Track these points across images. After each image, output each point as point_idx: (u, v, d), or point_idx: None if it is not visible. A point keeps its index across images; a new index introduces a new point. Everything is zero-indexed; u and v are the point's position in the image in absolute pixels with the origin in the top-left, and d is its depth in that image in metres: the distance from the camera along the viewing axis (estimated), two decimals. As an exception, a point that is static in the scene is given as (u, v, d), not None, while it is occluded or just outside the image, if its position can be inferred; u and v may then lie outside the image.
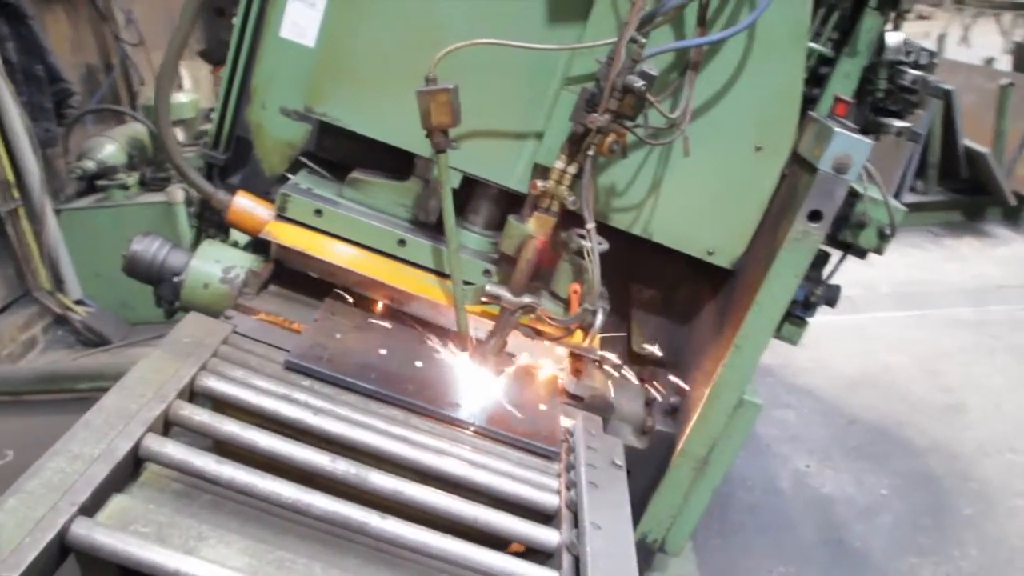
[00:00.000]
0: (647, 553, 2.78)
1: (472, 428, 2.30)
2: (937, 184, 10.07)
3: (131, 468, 1.90)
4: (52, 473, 1.72)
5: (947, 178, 10.04)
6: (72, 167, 5.17)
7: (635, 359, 2.99)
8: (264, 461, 2.04)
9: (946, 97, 9.29)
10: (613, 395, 2.73)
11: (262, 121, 2.74)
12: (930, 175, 9.97)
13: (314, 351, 2.32)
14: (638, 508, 2.73)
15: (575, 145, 2.27)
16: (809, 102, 2.79)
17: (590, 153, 2.24)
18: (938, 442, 4.12)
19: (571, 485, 2.22)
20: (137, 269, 2.57)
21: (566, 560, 1.98)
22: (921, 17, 16.83)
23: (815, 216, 2.36)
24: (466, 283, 2.56)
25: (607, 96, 2.13)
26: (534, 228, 2.36)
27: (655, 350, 2.89)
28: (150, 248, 2.57)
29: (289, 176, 2.75)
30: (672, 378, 2.79)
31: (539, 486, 2.23)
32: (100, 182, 5.29)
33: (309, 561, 1.84)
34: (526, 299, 2.44)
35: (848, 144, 2.29)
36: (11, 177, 4.84)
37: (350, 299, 2.64)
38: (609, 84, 2.12)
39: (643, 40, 2.09)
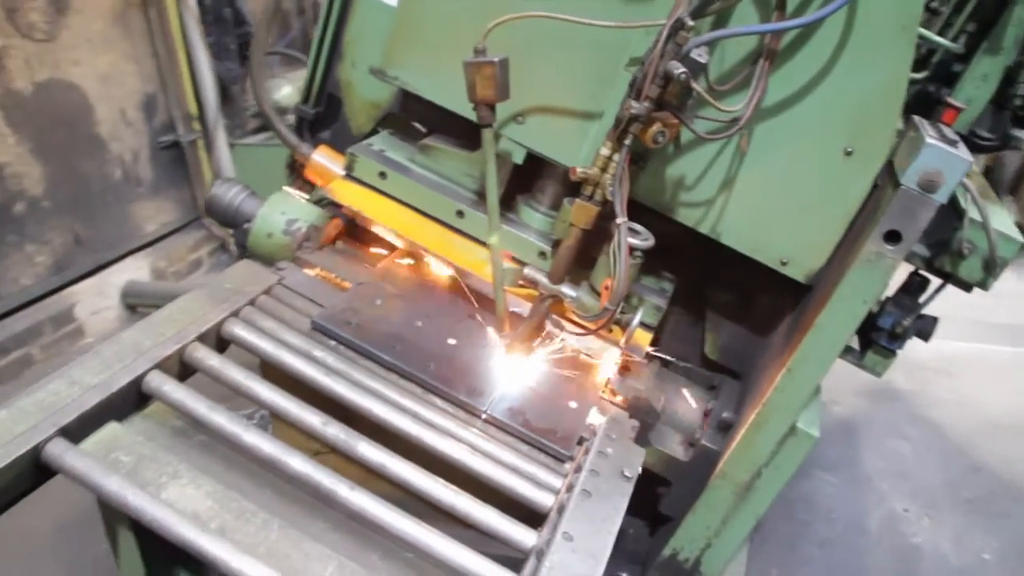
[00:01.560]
0: (677, 571, 2.62)
1: (484, 416, 2.24)
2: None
3: (135, 401, 2.03)
4: (47, 394, 1.87)
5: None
6: (249, 105, 5.54)
7: (709, 365, 2.80)
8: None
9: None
10: (664, 400, 2.58)
11: (351, 79, 2.78)
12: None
13: (344, 315, 2.35)
14: (675, 522, 2.58)
15: (620, 132, 2.11)
16: (934, 103, 2.44)
17: (627, 142, 2.08)
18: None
19: (572, 488, 2.12)
20: (215, 211, 2.70)
21: (530, 565, 1.90)
22: None
23: (893, 237, 2.06)
24: (518, 262, 2.49)
25: (648, 83, 1.96)
26: (574, 216, 2.24)
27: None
28: (228, 193, 2.69)
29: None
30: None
31: (539, 484, 2.15)
32: (274, 121, 5.62)
33: (270, 517, 1.89)
34: (563, 288, 2.33)
35: (940, 159, 1.97)
36: (194, 111, 5.26)
37: (410, 264, 2.64)
38: (651, 70, 1.95)
39: (690, 23, 1.89)
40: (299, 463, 1.95)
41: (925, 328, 2.40)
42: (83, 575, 2.44)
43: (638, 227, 2.31)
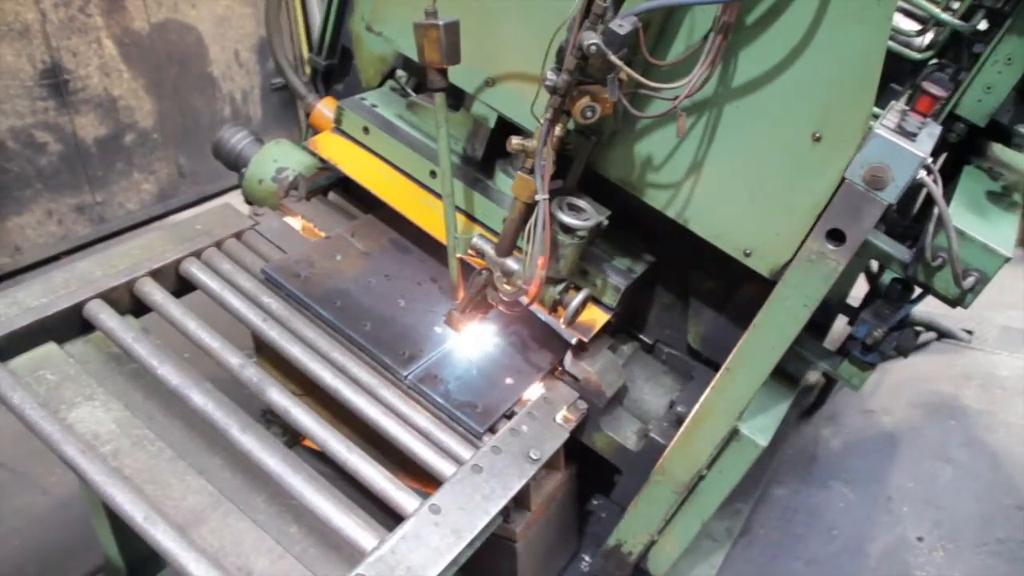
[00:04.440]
0: (621, 562, 2.52)
1: (406, 382, 2.24)
2: None
3: (79, 326, 2.19)
4: (-14, 311, 2.05)
5: None
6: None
7: (694, 354, 2.65)
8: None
9: None
10: (621, 385, 2.47)
11: (360, 33, 2.80)
12: None
13: (296, 267, 2.41)
14: (621, 513, 2.48)
15: (550, 104, 2.01)
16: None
17: (547, 116, 1.98)
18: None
19: (479, 461, 2.09)
20: (220, 154, 2.83)
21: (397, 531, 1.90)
22: None
23: (835, 236, 1.86)
24: (488, 228, 2.45)
25: (568, 54, 1.85)
26: (515, 189, 2.16)
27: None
28: (233, 137, 2.81)
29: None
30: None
31: (447, 453, 2.14)
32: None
33: (165, 447, 2.00)
34: (508, 262, 2.27)
35: (886, 151, 1.75)
36: (307, 55, 5.48)
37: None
38: (571, 42, 1.84)
39: (607, -10, 1.76)
40: (199, 399, 2.03)
41: (904, 343, 2.14)
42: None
43: (582, 204, 2.21)
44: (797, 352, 2.34)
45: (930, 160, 1.81)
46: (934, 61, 2.18)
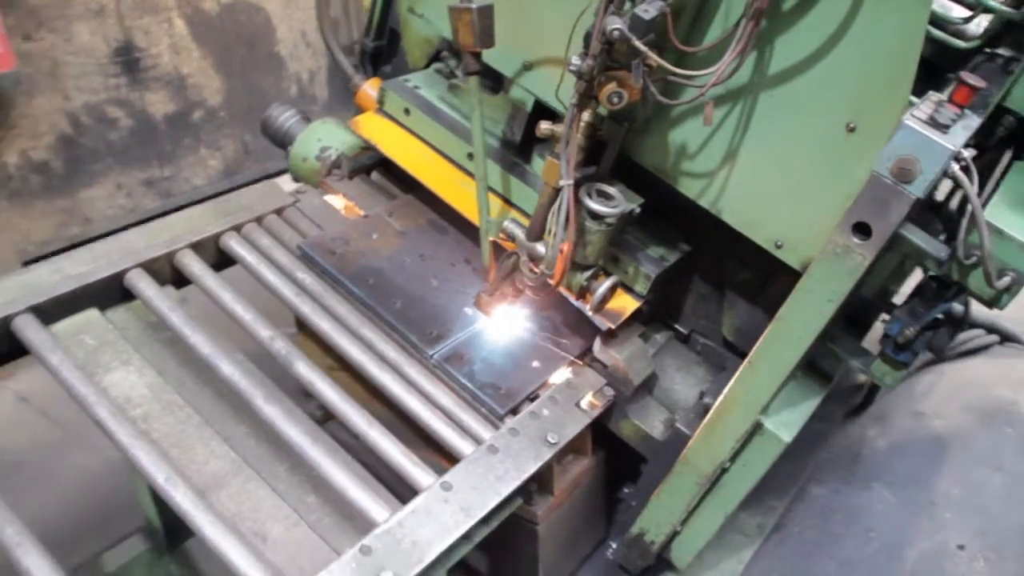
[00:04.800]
0: (643, 551, 2.51)
1: (432, 361, 2.26)
2: None
3: (119, 294, 2.27)
4: (31, 277, 2.16)
5: None
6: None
7: (727, 345, 2.60)
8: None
9: None
10: (651, 374, 2.45)
11: (406, 15, 2.82)
12: None
13: (332, 244, 2.45)
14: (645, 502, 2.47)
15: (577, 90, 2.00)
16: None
17: (573, 101, 1.96)
18: None
19: (498, 441, 2.11)
20: (268, 132, 2.90)
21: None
22: None
23: (862, 229, 1.80)
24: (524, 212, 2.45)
25: (594, 39, 1.83)
26: (545, 173, 2.15)
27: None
28: (281, 115, 2.87)
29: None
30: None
31: (466, 432, 2.16)
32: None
33: (193, 413, 2.08)
34: (538, 246, 2.26)
35: (914, 143, 1.68)
36: (375, 37, 5.55)
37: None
38: (598, 26, 1.82)
39: (628, -25, 1.74)
40: (228, 368, 2.10)
41: (938, 342, 2.07)
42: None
43: (611, 191, 2.19)
44: (830, 349, 2.28)
45: (965, 153, 1.74)
46: (987, 50, 2.08)
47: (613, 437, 2.52)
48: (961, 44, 1.99)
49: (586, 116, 2.04)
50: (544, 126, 2.10)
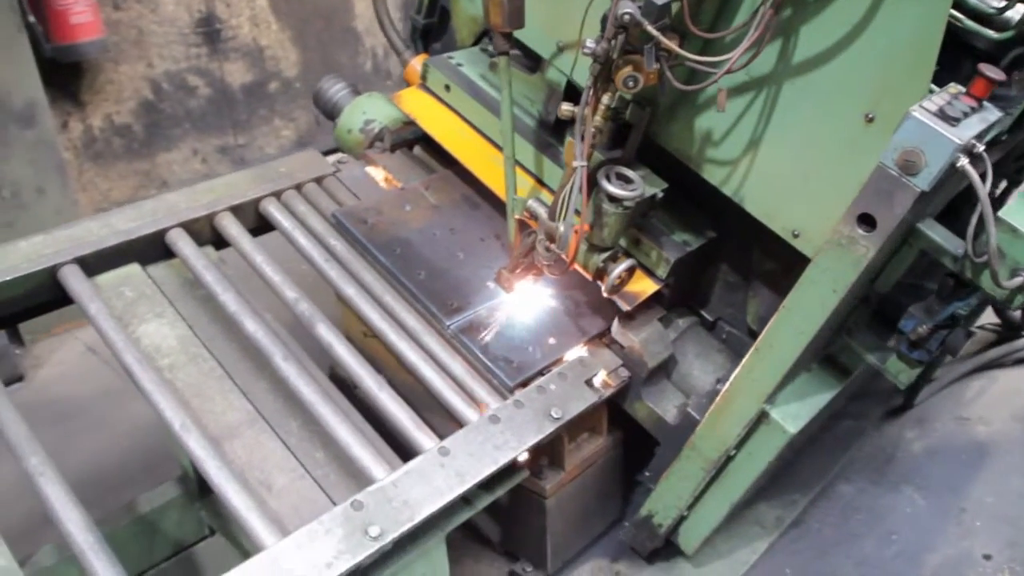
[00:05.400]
0: (652, 533, 2.53)
1: (448, 331, 2.33)
2: None
3: (161, 251, 2.41)
4: (80, 230, 2.31)
5: None
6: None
7: (752, 334, 2.59)
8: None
9: None
10: (668, 357, 2.46)
11: (456, -7, 2.88)
12: None
13: (365, 214, 2.54)
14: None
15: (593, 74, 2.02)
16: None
17: (588, 83, 1.99)
18: None
19: (503, 411, 2.16)
20: (319, 103, 3.00)
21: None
22: None
23: (866, 221, 1.78)
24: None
25: (609, 22, 1.85)
26: (567, 154, 2.18)
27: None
28: (332, 88, 2.97)
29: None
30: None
31: (471, 398, 2.23)
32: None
33: (216, 366, 2.20)
34: (559, 226, 2.30)
35: (920, 134, 1.65)
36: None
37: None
38: (613, 9, 1.84)
39: (641, -44, 1.75)
40: (251, 325, 2.21)
41: (954, 342, 2.02)
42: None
43: (631, 174, 2.20)
44: (846, 343, 2.25)
45: (980, 147, 1.70)
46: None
47: (633, 419, 2.54)
48: (993, 35, 1.92)
49: (606, 99, 2.06)
50: (566, 108, 2.12)
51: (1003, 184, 2.38)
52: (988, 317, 3.63)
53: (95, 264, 2.28)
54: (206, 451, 1.93)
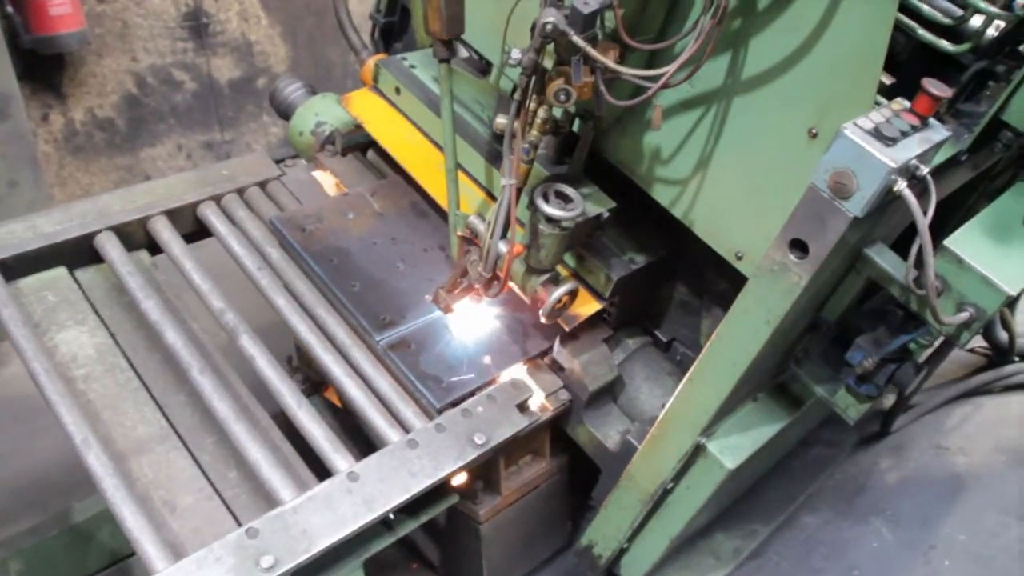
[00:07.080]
0: (592, 564, 2.41)
1: (377, 347, 2.23)
2: None
3: (90, 255, 2.34)
4: (3, 232, 2.24)
5: None
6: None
7: (707, 358, 2.46)
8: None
9: None
10: (612, 380, 2.35)
11: (414, -7, 2.78)
12: None
13: (304, 220, 2.45)
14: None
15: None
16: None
17: (515, 97, 1.88)
18: None
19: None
20: (274, 103, 2.91)
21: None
22: None
23: (799, 247, 1.65)
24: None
25: (536, 33, 1.74)
26: (503, 169, 2.07)
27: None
28: (287, 88, 2.88)
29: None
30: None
31: (399, 421, 2.13)
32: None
33: (134, 378, 2.12)
34: (492, 246, 2.18)
35: (851, 155, 1.52)
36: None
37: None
38: (540, 20, 1.72)
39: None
40: (172, 336, 2.13)
41: (902, 377, 1.89)
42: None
43: (571, 193, 2.07)
44: (795, 372, 2.12)
45: (924, 170, 1.56)
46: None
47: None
48: (948, 47, 1.78)
49: (542, 112, 1.95)
50: (500, 121, 2.01)
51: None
52: (978, 340, 3.46)
53: (17, 268, 2.21)
54: (105, 468, 1.85)
